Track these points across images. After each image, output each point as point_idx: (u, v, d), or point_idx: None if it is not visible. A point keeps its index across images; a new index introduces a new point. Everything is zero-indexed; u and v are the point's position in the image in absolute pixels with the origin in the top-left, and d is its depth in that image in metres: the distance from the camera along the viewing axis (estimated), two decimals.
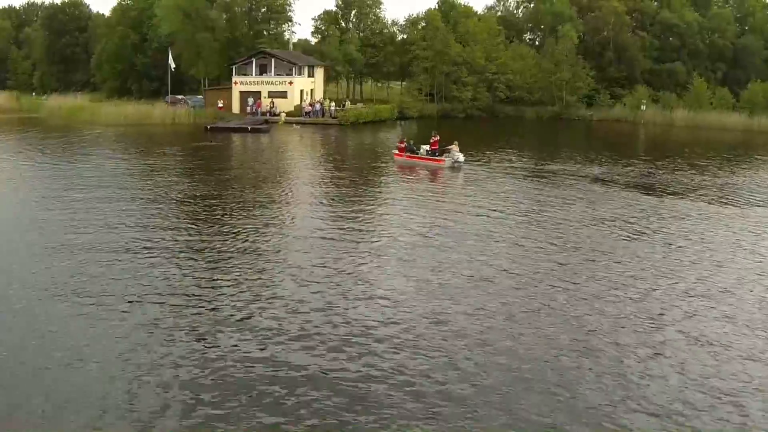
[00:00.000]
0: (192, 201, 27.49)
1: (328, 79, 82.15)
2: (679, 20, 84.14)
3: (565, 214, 26.15)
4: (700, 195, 31.49)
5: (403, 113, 72.44)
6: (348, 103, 67.39)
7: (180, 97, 74.97)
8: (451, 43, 76.20)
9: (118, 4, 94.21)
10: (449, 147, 37.12)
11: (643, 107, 76.05)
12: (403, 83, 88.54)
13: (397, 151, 38.89)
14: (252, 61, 67.26)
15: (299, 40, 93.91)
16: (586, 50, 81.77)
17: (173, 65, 68.14)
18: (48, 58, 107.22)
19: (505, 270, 18.59)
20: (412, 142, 39.25)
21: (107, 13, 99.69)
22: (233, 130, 56.22)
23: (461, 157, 36.56)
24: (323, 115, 64.25)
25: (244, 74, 67.83)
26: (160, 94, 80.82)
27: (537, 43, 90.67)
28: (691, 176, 37.24)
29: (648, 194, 31.37)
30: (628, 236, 22.94)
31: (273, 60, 66.64)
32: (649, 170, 39.02)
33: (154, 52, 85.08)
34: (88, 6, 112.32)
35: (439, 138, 38.09)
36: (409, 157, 37.83)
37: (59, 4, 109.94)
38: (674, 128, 71.89)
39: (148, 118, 62.91)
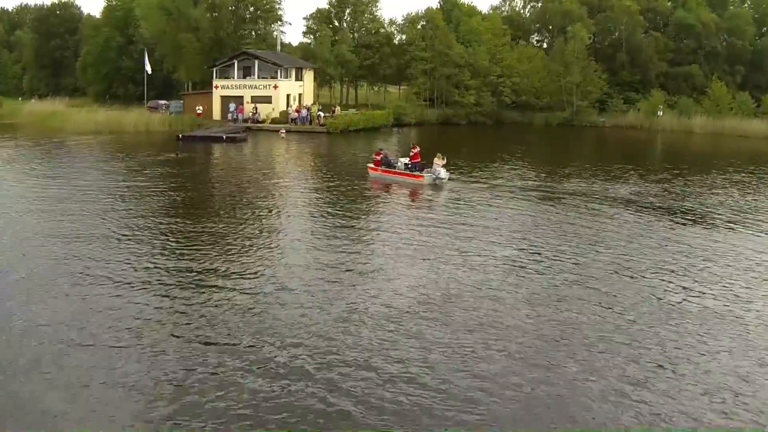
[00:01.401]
0: (122, 238, 20.35)
1: (320, 83, 74.17)
2: (695, 20, 76.97)
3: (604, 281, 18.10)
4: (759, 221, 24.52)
5: (399, 120, 64.34)
6: (338, 109, 59.35)
7: (162, 102, 67.87)
8: (453, 44, 68.52)
9: (105, 4, 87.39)
10: (434, 163, 30.85)
11: (660, 113, 68.90)
12: (402, 87, 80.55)
13: (372, 165, 32.60)
14: (234, 63, 59.65)
15: (291, 43, 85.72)
16: (597, 52, 74.12)
17: (149, 68, 60.31)
18: (37, 62, 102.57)
19: None
20: (389, 155, 33.15)
21: (98, 15, 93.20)
22: (207, 139, 49.08)
23: (443, 173, 30.42)
24: (311, 122, 56.38)
25: (226, 77, 60.06)
26: (146, 99, 74.07)
27: (545, 45, 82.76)
28: (737, 196, 30.37)
29: (700, 224, 24.00)
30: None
31: (256, 62, 58.95)
32: (685, 189, 32.03)
33: (140, 54, 77.59)
34: (79, 8, 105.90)
35: (419, 150, 31.82)
36: (385, 171, 31.85)
37: (49, 6, 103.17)
38: (693, 136, 65.55)
39: (120, 125, 56.23)
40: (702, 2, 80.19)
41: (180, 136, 49.23)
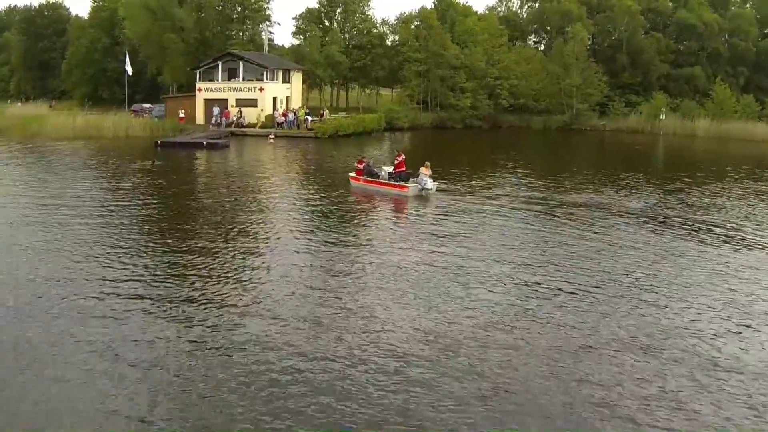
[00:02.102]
0: (78, 257, 17.25)
1: (310, 86, 70.39)
2: (697, 21, 73.64)
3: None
4: None
5: (391, 124, 60.57)
6: (326, 113, 55.50)
7: (146, 105, 64.31)
8: (448, 44, 64.89)
9: (91, 4, 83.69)
10: (420, 173, 27.55)
11: (662, 116, 65.29)
12: (395, 90, 76.87)
13: (353, 174, 29.43)
14: (218, 65, 55.79)
15: (284, 44, 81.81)
16: (597, 54, 70.55)
17: (130, 69, 56.59)
18: (25, 64, 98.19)
19: None
20: (372, 163, 29.91)
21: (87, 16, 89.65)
22: (186, 145, 45.52)
23: (430, 184, 27.08)
24: (298, 127, 52.66)
25: (210, 79, 56.31)
26: (127, 102, 70.48)
27: (542, 46, 79.14)
28: (760, 206, 27.09)
29: (731, 243, 20.49)
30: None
31: (241, 63, 55.12)
32: (703, 199, 28.48)
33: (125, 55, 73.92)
34: (67, 9, 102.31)
35: (404, 158, 28.49)
36: (367, 181, 28.67)
37: (37, 6, 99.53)
38: (697, 139, 62.41)
39: (99, 130, 52.23)
40: (704, 2, 77.46)
41: (158, 142, 45.78)
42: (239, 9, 66.90)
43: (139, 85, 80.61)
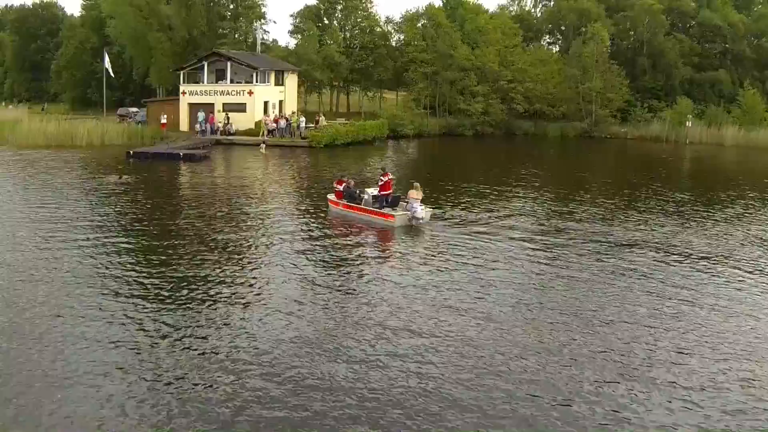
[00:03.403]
0: None
1: (308, 89, 62.97)
2: (722, 21, 66.19)
3: None
4: None
5: (395, 131, 53.10)
6: (322, 119, 47.91)
7: (133, 110, 57.57)
8: (457, 44, 57.28)
9: (82, 2, 76.90)
10: (409, 197, 22.09)
11: (689, 123, 57.78)
12: (400, 93, 69.39)
13: (332, 196, 24.12)
14: (204, 65, 48.44)
15: (286, 44, 74.11)
16: (615, 56, 62.96)
17: (110, 70, 49.45)
18: (18, 65, 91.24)
19: None
20: (353, 184, 24.28)
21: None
22: (161, 157, 38.89)
23: (420, 211, 21.69)
24: (292, 135, 45.41)
25: (196, 82, 49.04)
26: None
27: (556, 48, 71.70)
28: None
29: None
30: None
31: (229, 64, 47.72)
32: None
33: (116, 56, 67.32)
34: (62, 8, 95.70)
35: (391, 178, 23.60)
36: (348, 206, 23.38)
37: (30, 6, 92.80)
38: (726, 149, 55.69)
39: (72, 138, 45.79)
40: (728, 1, 70.94)
41: (130, 152, 39.36)
42: (232, 6, 59.46)
43: (129, 88, 74.27)
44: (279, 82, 51.22)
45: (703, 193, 31.08)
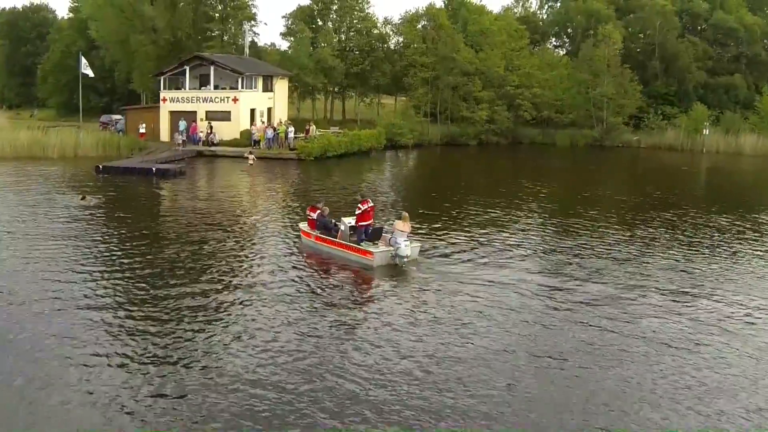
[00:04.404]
0: None
1: (301, 95, 57.96)
2: (737, 23, 61.33)
3: None
4: None
5: (394, 141, 48.04)
6: (313, 128, 42.81)
7: (116, 117, 53.01)
8: (460, 47, 52.20)
9: (69, 5, 72.56)
10: (394, 230, 17.75)
11: (706, 131, 52.99)
12: (400, 99, 64.44)
13: (305, 226, 19.65)
14: (185, 70, 43.41)
15: (280, 46, 68.98)
16: (626, 59, 57.95)
17: (88, 72, 44.62)
18: (8, 69, 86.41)
19: None
20: (327, 212, 19.43)
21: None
22: (132, 172, 34.14)
23: (405, 247, 17.09)
24: (280, 145, 40.52)
25: (177, 88, 44.11)
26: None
27: (563, 51, 66.72)
28: None
29: None
30: None
31: (212, 68, 42.77)
32: None
33: (102, 60, 62.91)
34: (53, 11, 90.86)
35: (372, 206, 18.57)
36: (320, 239, 18.94)
37: (20, 9, 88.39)
38: (745, 159, 51.24)
39: (44, 148, 40.86)
40: (742, 3, 66.14)
41: (99, 167, 34.42)
42: (220, 7, 54.43)
43: (116, 93, 69.56)
44: (267, 87, 46.19)
45: (744, 214, 26.08)
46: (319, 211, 18.93)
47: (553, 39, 68.41)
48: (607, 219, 24.74)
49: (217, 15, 54.68)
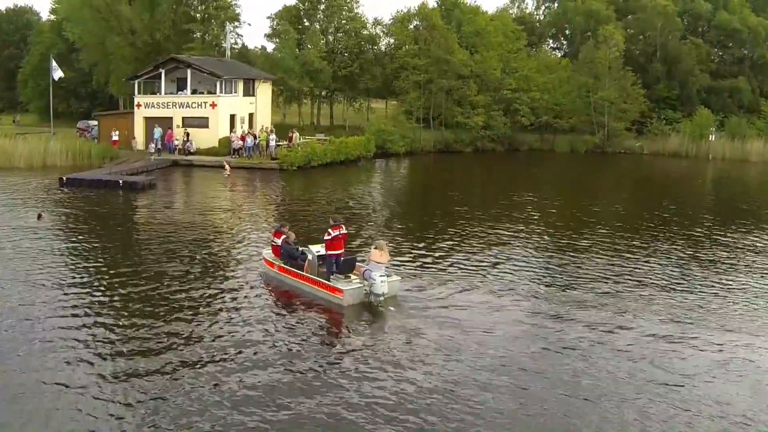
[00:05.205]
0: None
1: (287, 99, 54.53)
2: (740, 24, 58.43)
3: None
4: None
5: (384, 148, 44.66)
6: (296, 136, 39.36)
7: (93, 123, 49.78)
8: (455, 48, 48.84)
9: (51, 6, 69.26)
10: (369, 261, 14.67)
11: (712, 137, 49.99)
12: (391, 103, 60.97)
13: (268, 253, 16.46)
14: (161, 73, 40.01)
15: (266, 48, 65.48)
16: (627, 62, 54.84)
17: (57, 75, 41.30)
18: None
19: None
20: (292, 238, 16.33)
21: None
22: (97, 184, 30.84)
23: (381, 284, 13.98)
24: (261, 154, 37.20)
25: (153, 92, 40.71)
26: (52, 116, 56.87)
27: (561, 53, 63.58)
28: None
29: None
30: None
31: (189, 71, 39.37)
32: None
33: (81, 63, 59.72)
34: (37, 14, 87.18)
35: (344, 233, 15.40)
36: (284, 269, 15.71)
37: (3, 11, 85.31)
38: (753, 166, 48.62)
39: (10, 158, 37.65)
40: (745, 4, 63.33)
41: (63, 179, 31.35)
42: (201, 7, 50.99)
43: (96, 98, 66.26)
44: (249, 92, 42.74)
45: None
46: (284, 236, 15.74)
47: (551, 41, 65.22)
48: (626, 239, 21.53)
49: (198, 15, 51.32)
